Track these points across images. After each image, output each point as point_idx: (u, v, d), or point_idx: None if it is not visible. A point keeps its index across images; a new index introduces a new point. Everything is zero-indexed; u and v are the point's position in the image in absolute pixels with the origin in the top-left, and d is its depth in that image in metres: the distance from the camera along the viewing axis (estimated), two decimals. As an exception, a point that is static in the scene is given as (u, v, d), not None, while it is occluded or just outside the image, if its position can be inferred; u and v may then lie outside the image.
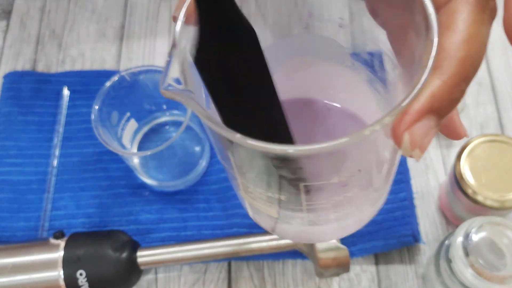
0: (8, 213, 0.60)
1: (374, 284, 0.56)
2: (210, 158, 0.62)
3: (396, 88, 0.29)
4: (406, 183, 0.59)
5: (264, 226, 0.34)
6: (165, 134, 0.63)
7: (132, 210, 0.60)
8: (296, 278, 0.57)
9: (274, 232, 0.33)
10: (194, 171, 0.60)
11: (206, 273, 0.57)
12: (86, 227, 0.59)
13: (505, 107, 0.64)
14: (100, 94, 0.54)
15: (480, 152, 0.52)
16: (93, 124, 0.53)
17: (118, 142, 0.58)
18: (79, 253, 0.52)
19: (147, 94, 0.59)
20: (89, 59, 0.70)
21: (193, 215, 0.59)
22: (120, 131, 0.59)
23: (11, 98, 0.66)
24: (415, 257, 0.57)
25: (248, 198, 0.31)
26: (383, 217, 0.57)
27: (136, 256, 0.53)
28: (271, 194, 0.28)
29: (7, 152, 0.63)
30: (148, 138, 0.63)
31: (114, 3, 0.74)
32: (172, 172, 0.60)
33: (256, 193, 0.29)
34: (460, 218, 0.55)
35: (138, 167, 0.59)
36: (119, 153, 0.53)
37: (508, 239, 0.44)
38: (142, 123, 0.62)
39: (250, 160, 0.27)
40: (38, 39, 0.72)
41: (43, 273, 0.51)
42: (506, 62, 0.67)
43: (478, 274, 0.43)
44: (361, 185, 0.28)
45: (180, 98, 0.25)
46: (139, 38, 0.71)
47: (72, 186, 0.62)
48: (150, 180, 0.60)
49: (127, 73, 0.55)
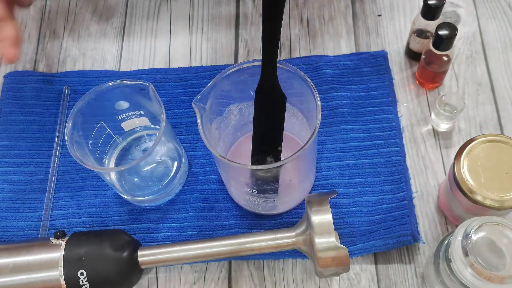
0: (8, 212, 0.61)
1: (373, 284, 0.56)
2: (187, 171, 0.62)
3: (307, 121, 0.56)
4: (405, 183, 0.59)
5: (238, 199, 0.59)
6: (142, 150, 0.62)
7: (133, 209, 0.60)
8: (296, 278, 0.57)
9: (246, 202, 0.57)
10: (171, 186, 0.59)
11: (207, 272, 0.58)
12: (87, 226, 0.60)
13: (504, 107, 0.64)
14: (73, 111, 0.53)
15: (479, 152, 0.52)
16: (67, 142, 0.52)
17: (95, 159, 0.57)
18: (80, 252, 0.52)
19: (122, 109, 0.58)
20: (89, 59, 0.70)
21: (193, 215, 0.59)
22: (98, 148, 0.58)
23: (11, 98, 0.66)
24: (414, 256, 0.57)
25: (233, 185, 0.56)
26: (382, 217, 0.58)
27: (137, 256, 0.53)
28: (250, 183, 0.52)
29: (7, 152, 0.64)
30: (126, 153, 0.62)
31: (115, 3, 0.74)
32: (149, 187, 0.59)
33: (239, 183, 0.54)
34: (459, 218, 0.55)
35: (116, 183, 0.59)
36: (95, 170, 0.52)
37: (508, 239, 0.44)
38: (120, 138, 0.61)
39: (227, 168, 0.54)
40: (39, 39, 0.72)
41: (44, 273, 0.51)
42: (506, 62, 0.67)
43: (478, 273, 0.43)
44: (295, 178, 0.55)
45: (198, 111, 0.49)
46: (140, 38, 0.71)
47: (73, 186, 0.62)
48: (128, 196, 0.59)
49: (100, 89, 0.54)
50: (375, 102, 0.64)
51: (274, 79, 0.47)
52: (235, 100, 0.56)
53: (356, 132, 0.63)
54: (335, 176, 0.60)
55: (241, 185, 0.54)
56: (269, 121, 0.51)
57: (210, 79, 0.61)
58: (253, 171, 0.50)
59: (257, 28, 0.71)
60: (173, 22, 0.72)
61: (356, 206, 0.59)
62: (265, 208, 0.57)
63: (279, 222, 0.59)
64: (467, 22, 0.70)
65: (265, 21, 0.42)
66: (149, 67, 0.69)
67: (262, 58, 0.45)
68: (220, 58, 0.69)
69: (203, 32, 0.71)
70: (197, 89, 0.66)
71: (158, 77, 0.67)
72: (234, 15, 0.72)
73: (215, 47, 0.70)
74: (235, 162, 0.47)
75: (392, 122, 0.63)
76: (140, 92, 0.54)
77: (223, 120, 0.56)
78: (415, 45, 0.65)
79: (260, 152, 0.54)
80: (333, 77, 0.66)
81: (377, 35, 0.70)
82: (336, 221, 0.57)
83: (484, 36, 0.68)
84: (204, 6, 0.73)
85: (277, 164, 0.46)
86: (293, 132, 0.60)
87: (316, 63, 0.66)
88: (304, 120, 0.56)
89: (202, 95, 0.49)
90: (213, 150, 0.47)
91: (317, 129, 0.47)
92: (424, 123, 0.64)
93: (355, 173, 0.60)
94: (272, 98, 0.49)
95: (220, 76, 0.51)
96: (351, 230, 0.57)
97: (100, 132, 0.58)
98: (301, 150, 0.46)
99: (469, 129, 0.63)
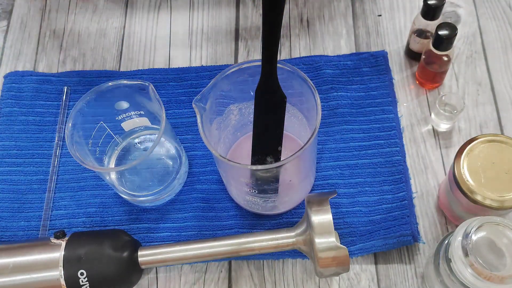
0: (9, 212, 0.61)
1: (373, 284, 0.56)
2: (187, 171, 0.62)
3: (307, 122, 0.56)
4: (405, 183, 0.59)
5: (237, 199, 0.59)
6: (142, 150, 0.62)
7: (133, 209, 0.60)
8: (296, 278, 0.57)
9: (245, 201, 0.58)
10: (171, 186, 0.59)
11: (207, 272, 0.58)
12: (87, 226, 0.60)
13: (504, 107, 0.64)
14: (73, 111, 0.53)
15: (479, 152, 0.52)
16: (67, 142, 0.52)
17: (95, 159, 0.57)
18: (80, 252, 0.52)
19: (122, 109, 0.58)
20: (89, 59, 0.70)
21: (193, 215, 0.59)
22: (98, 148, 0.58)
23: (12, 98, 0.66)
24: (414, 256, 0.57)
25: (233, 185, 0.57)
26: (382, 217, 0.58)
27: (137, 256, 0.53)
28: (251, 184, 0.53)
29: (7, 152, 0.64)
30: (126, 153, 0.62)
31: (115, 3, 0.74)
32: (149, 187, 0.59)
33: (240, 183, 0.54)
34: (460, 217, 0.55)
35: (116, 183, 0.59)
36: (95, 170, 0.52)
37: (508, 239, 0.44)
38: (120, 138, 0.61)
39: (228, 169, 0.54)
40: (39, 39, 0.72)
41: (44, 273, 0.51)
42: (506, 62, 0.67)
43: (478, 273, 0.43)
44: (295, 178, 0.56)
45: (198, 111, 0.49)
46: (140, 38, 0.71)
47: (73, 186, 0.62)
48: (128, 196, 0.59)
49: (100, 89, 0.54)
50: (375, 102, 0.64)
51: (274, 79, 0.47)
52: (235, 100, 0.56)
53: (356, 132, 0.63)
54: (335, 176, 0.60)
55: (241, 185, 0.54)
56: (269, 121, 0.51)
57: (210, 79, 0.61)
58: (253, 171, 0.50)
59: (257, 28, 0.71)
60: (173, 22, 0.72)
61: (356, 206, 0.59)
62: (265, 208, 0.57)
63: (279, 222, 0.59)
64: (467, 22, 0.70)
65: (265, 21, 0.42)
66: (149, 67, 0.69)
67: (262, 58, 0.46)
68: (220, 58, 0.69)
69: (203, 32, 0.71)
70: (197, 89, 0.66)
71: (158, 77, 0.67)
72: (234, 15, 0.72)
73: (215, 47, 0.70)
74: (235, 162, 0.47)
75: (392, 122, 0.63)
76: (140, 92, 0.54)
77: (223, 120, 0.56)
78: (415, 45, 0.65)
79: (260, 152, 0.54)
80: (333, 77, 0.66)
81: (377, 35, 0.70)
82: (336, 221, 0.57)
83: (484, 36, 0.68)
84: (204, 6, 0.73)
85: (277, 164, 0.46)
86: (293, 132, 0.60)
87: (316, 63, 0.66)
88: (304, 120, 0.56)
89: (202, 95, 0.49)
90: (213, 150, 0.47)
91: (317, 129, 0.47)
92: (424, 123, 0.64)
93: (355, 173, 0.60)
94: (272, 98, 0.49)
95: (220, 76, 0.51)
96: (351, 230, 0.57)
97: (100, 132, 0.58)
98: (301, 150, 0.46)
99: (469, 129, 0.63)
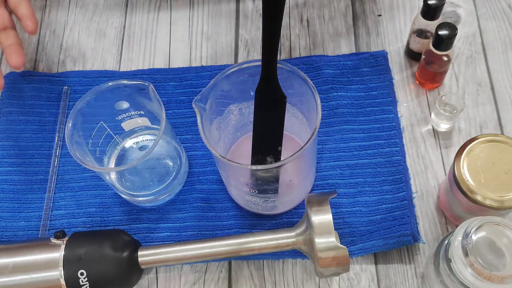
0: (8, 212, 0.61)
1: (373, 284, 0.56)
2: (187, 171, 0.62)
3: (307, 122, 0.56)
4: (405, 183, 0.59)
5: (238, 199, 0.59)
6: (141, 150, 0.62)
7: (133, 209, 0.60)
8: (296, 278, 0.57)
9: (246, 201, 0.58)
10: (171, 186, 0.59)
11: (207, 272, 0.58)
12: (87, 226, 0.60)
13: (504, 107, 0.64)
14: (73, 111, 0.53)
15: (479, 152, 0.52)
16: (67, 142, 0.52)
17: (95, 159, 0.57)
18: (80, 252, 0.52)
19: (122, 109, 0.58)
20: (90, 59, 0.70)
21: (193, 215, 0.59)
22: (98, 148, 0.58)
23: (11, 98, 0.66)
24: (414, 256, 0.57)
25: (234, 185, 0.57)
26: (382, 217, 0.58)
27: (137, 256, 0.53)
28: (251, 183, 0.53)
29: (7, 152, 0.64)
30: (126, 153, 0.62)
31: (115, 3, 0.74)
32: (149, 187, 0.59)
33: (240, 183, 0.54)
34: (460, 217, 0.55)
35: (116, 183, 0.59)
36: (95, 170, 0.52)
37: (508, 239, 0.44)
38: (120, 138, 0.61)
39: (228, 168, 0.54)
40: (39, 39, 0.72)
41: (44, 273, 0.51)
42: (506, 62, 0.67)
43: (478, 274, 0.43)
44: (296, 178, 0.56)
45: (198, 111, 0.49)
46: (140, 38, 0.71)
47: (73, 186, 0.62)
48: (128, 196, 0.59)
49: (100, 89, 0.54)
50: (375, 102, 0.64)
51: (274, 79, 0.47)
52: (235, 100, 0.56)
53: (356, 132, 0.63)
54: (335, 176, 0.60)
55: (241, 185, 0.54)
56: (269, 121, 0.51)
57: (210, 79, 0.61)
58: (253, 171, 0.50)
59: (257, 28, 0.71)
60: (173, 22, 0.72)
61: (356, 206, 0.59)
62: (265, 208, 0.57)
63: (279, 222, 0.59)
64: (467, 22, 0.70)
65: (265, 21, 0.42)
66: (149, 67, 0.69)
67: (262, 58, 0.46)
68: (220, 58, 0.69)
69: (203, 32, 0.71)
70: (197, 89, 0.66)
71: (158, 77, 0.67)
72: (234, 15, 0.72)
73: (215, 47, 0.70)
74: (235, 162, 0.47)
75: (392, 122, 0.63)
76: (140, 92, 0.54)
77: (223, 120, 0.56)
78: (415, 45, 0.65)
79: (260, 152, 0.54)
80: (333, 77, 0.66)
81: (377, 35, 0.70)
82: (336, 221, 0.57)
83: (484, 36, 0.68)
84: (204, 6, 0.73)
85: (277, 164, 0.46)
86: (293, 132, 0.60)
87: (316, 63, 0.66)
88: (304, 120, 0.56)
89: (202, 95, 0.49)
90: (213, 150, 0.47)
91: (317, 129, 0.47)
92: (424, 123, 0.64)
93: (355, 173, 0.60)
94: (272, 98, 0.49)
95: (220, 76, 0.51)
96: (351, 230, 0.57)
97: (100, 132, 0.58)
98: (301, 150, 0.46)
99: (469, 129, 0.63)
